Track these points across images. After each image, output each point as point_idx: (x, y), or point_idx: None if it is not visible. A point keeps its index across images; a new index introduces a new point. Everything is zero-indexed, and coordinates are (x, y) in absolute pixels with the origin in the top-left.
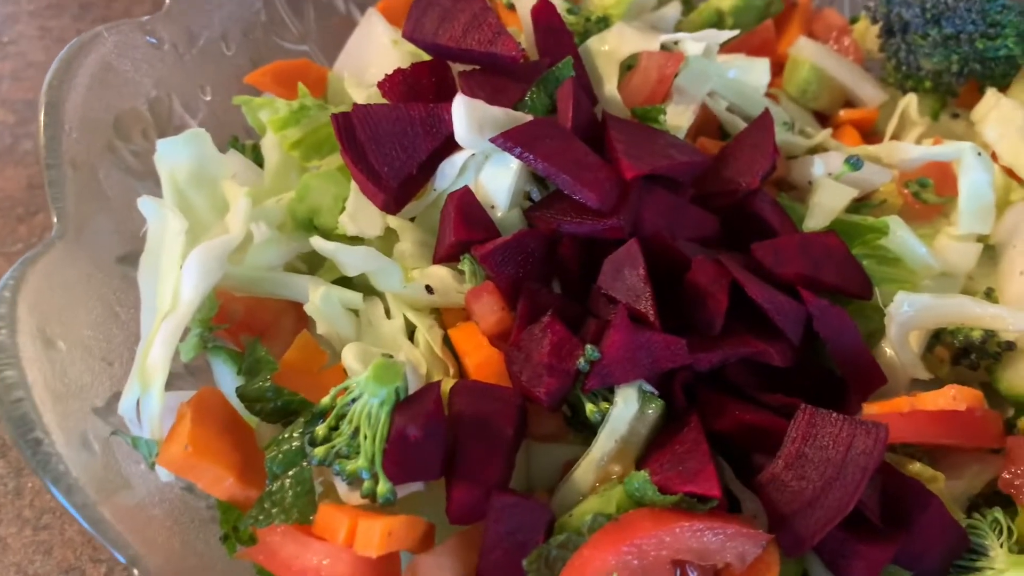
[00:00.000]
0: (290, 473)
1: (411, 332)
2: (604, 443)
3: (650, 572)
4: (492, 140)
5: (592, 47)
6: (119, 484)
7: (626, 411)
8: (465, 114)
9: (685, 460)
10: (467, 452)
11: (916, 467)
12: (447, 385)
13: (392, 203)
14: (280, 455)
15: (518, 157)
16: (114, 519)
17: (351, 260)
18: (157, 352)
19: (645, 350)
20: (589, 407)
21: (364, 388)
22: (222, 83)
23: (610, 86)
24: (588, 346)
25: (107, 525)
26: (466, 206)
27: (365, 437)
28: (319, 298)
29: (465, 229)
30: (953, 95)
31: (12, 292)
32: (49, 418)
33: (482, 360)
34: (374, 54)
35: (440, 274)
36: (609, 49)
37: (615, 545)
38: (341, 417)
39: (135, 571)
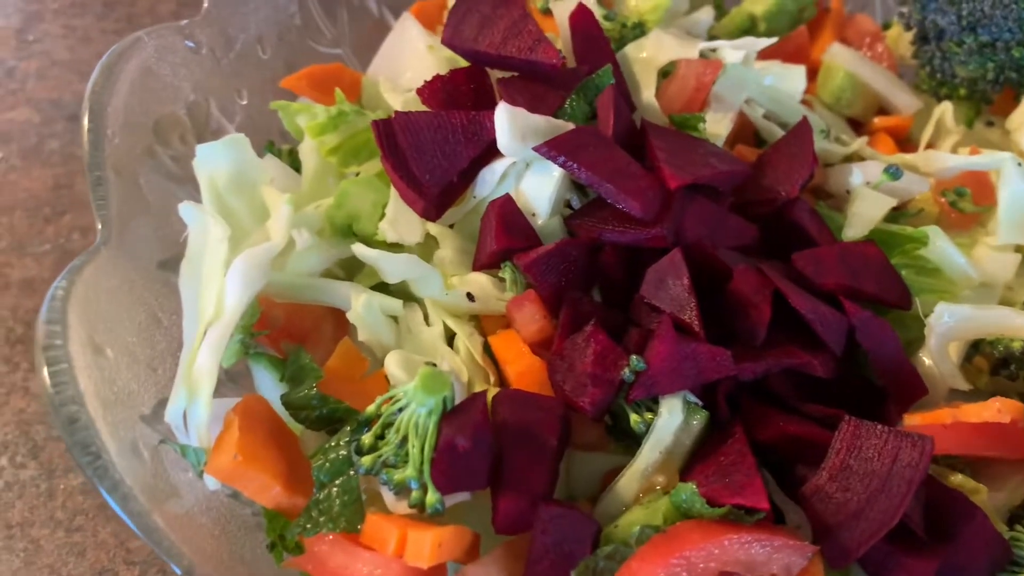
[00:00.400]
0: (337, 482)
1: (450, 339)
2: (649, 454)
3: None
4: (536, 149)
5: (630, 54)
6: (168, 492)
7: (671, 422)
8: (508, 122)
9: (731, 472)
10: (512, 462)
11: (958, 479)
12: (489, 393)
13: (432, 210)
14: (327, 463)
15: (561, 166)
16: (167, 528)
17: (393, 267)
18: (204, 360)
19: (691, 361)
20: (634, 417)
21: (412, 397)
22: (258, 87)
23: (648, 93)
24: (633, 356)
25: (162, 534)
26: (507, 214)
27: (413, 446)
28: (361, 305)
29: (506, 237)
30: (988, 103)
31: (63, 302)
32: (102, 426)
33: (524, 368)
34: (409, 59)
35: (480, 281)
36: (647, 56)
37: (664, 557)
38: (387, 426)
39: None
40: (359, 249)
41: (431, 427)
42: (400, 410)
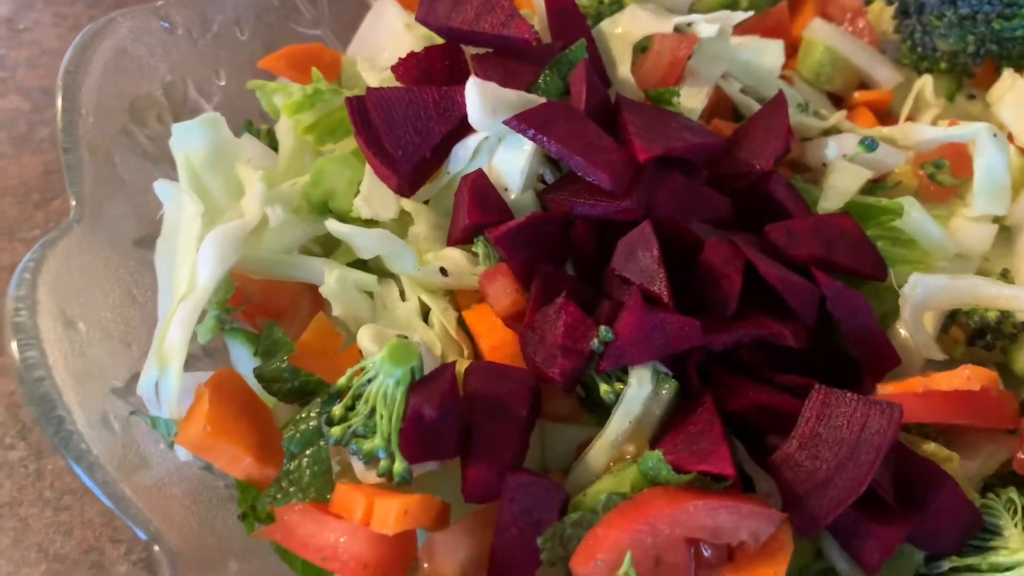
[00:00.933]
0: (307, 452)
1: (425, 314)
2: (618, 424)
3: (664, 550)
4: (506, 122)
5: (605, 29)
6: (138, 463)
7: (640, 392)
8: (478, 96)
9: (699, 440)
10: (482, 432)
11: (931, 447)
12: (462, 366)
13: (406, 186)
14: (297, 435)
15: (531, 139)
16: (135, 497)
17: (366, 243)
18: (175, 333)
19: (659, 331)
20: (603, 387)
21: (380, 368)
22: (236, 68)
23: (623, 68)
24: (602, 327)
25: (128, 502)
26: (480, 189)
27: (381, 417)
28: (334, 280)
29: (479, 212)
30: (969, 76)
31: (32, 274)
32: (70, 397)
33: (497, 342)
34: (387, 38)
35: (454, 256)
36: (622, 31)
37: (629, 523)
38: (357, 397)
39: (155, 549)
40: (332, 225)
41: (399, 397)
42: (369, 381)
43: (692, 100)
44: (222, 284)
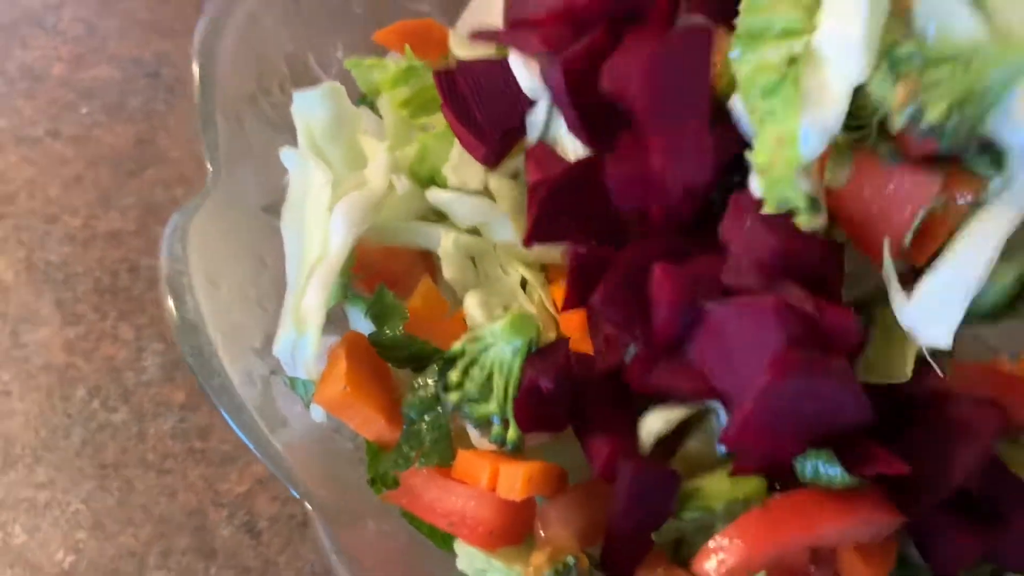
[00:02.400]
0: (426, 418)
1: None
2: None
3: (787, 556)
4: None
5: None
6: (279, 422)
7: None
8: (524, 64)
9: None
10: (597, 411)
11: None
12: None
13: (492, 156)
14: (416, 400)
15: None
16: (285, 453)
17: (466, 210)
18: (312, 297)
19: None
20: None
21: (499, 337)
22: (351, 42)
23: None
24: None
25: (280, 458)
26: (541, 157)
27: (497, 384)
28: (451, 243)
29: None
30: None
31: (183, 234)
32: (223, 354)
33: (579, 322)
34: (495, 15)
35: None
36: None
37: (763, 538)
38: (473, 363)
39: (307, 507)
40: (433, 194)
41: (516, 367)
42: (486, 349)
43: None
44: (349, 252)
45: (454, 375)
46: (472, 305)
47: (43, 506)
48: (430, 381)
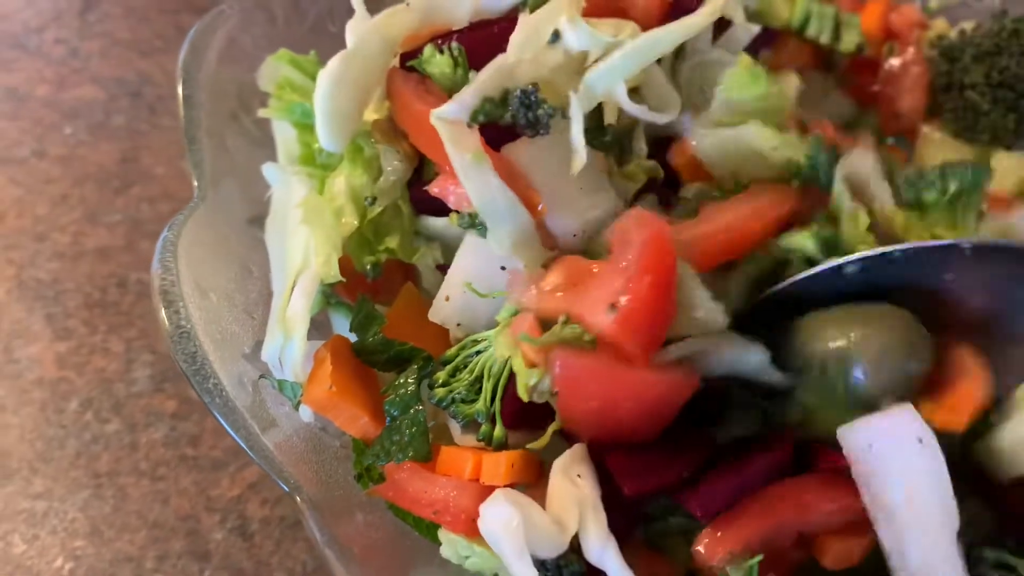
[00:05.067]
0: (406, 415)
1: None
2: None
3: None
4: None
5: None
6: (269, 422)
7: None
8: None
9: None
10: None
11: None
12: None
13: None
14: (397, 398)
15: None
16: (275, 452)
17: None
18: (296, 304)
19: None
20: None
21: (494, 342)
22: (327, 58)
23: None
24: None
25: (271, 457)
26: None
27: (486, 385)
28: (430, 257)
29: None
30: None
31: (173, 248)
32: (215, 359)
33: None
34: None
35: None
36: None
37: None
38: (462, 366)
39: (297, 500)
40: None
41: (506, 371)
42: (478, 352)
43: None
44: None
45: (441, 374)
46: None
47: (41, 516)
48: (410, 380)
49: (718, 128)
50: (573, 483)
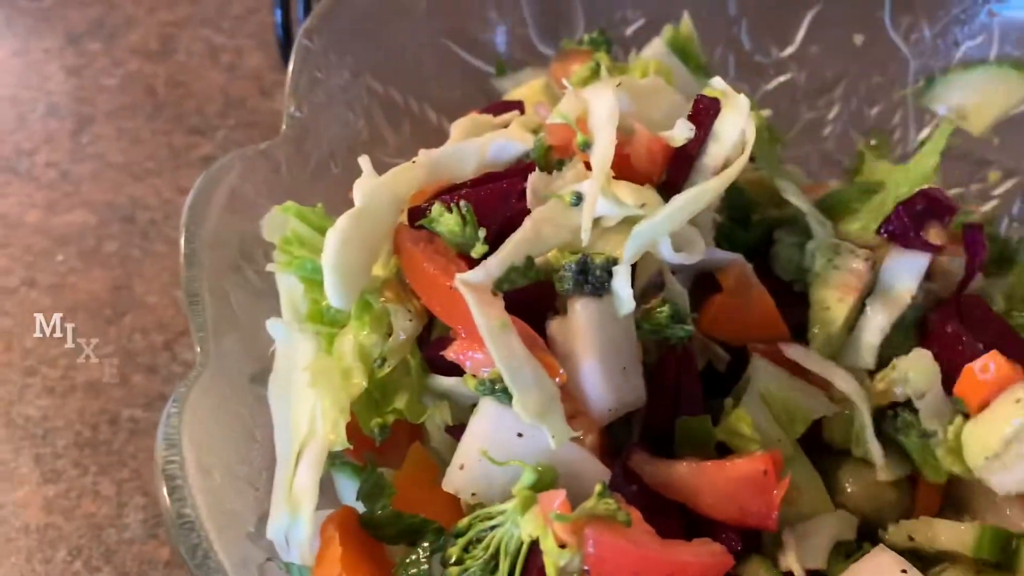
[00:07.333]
0: None
1: None
2: None
3: None
4: None
5: None
6: None
7: None
8: None
9: None
10: None
11: None
12: None
13: None
14: None
15: None
16: None
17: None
18: (304, 478)
19: None
20: None
21: (508, 517)
22: (329, 200)
23: None
24: None
25: None
26: None
27: (503, 564)
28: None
29: None
30: None
31: (177, 429)
32: (219, 547)
33: None
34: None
35: None
36: None
37: None
38: (476, 540)
39: None
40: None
41: (524, 548)
42: (493, 527)
43: None
44: None
45: (454, 551)
46: None
47: None
48: (423, 557)
49: None
50: None
